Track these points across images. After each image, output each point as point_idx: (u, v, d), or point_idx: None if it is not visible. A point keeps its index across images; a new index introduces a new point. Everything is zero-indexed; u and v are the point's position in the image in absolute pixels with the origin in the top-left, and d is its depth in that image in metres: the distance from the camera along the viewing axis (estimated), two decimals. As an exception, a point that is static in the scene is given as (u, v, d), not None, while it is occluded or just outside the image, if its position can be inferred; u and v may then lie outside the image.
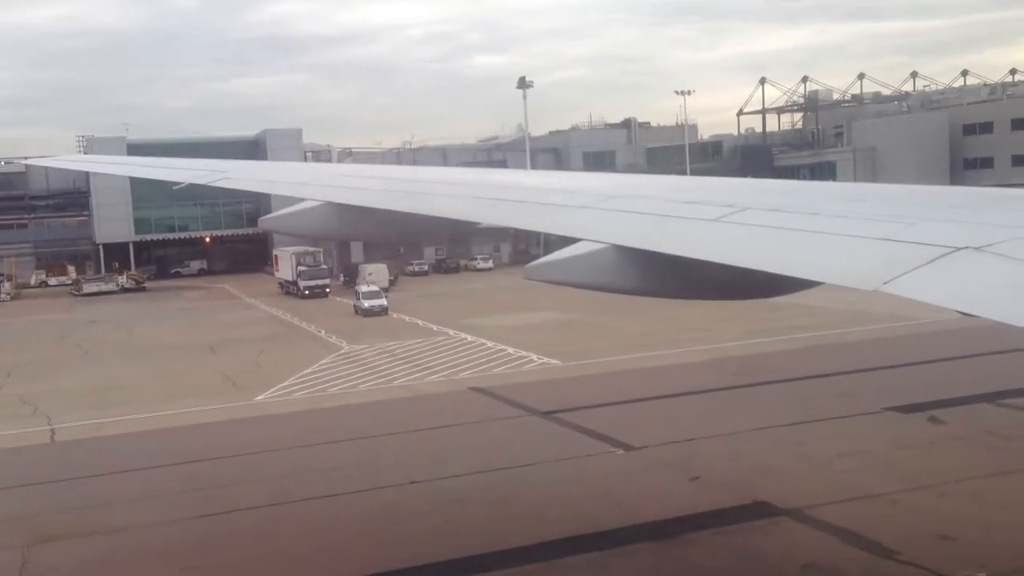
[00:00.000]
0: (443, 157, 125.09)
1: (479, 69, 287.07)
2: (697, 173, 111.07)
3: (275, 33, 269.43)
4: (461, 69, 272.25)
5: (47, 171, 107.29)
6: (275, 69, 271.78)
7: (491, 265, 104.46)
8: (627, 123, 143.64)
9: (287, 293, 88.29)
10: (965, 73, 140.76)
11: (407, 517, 23.00)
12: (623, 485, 25.07)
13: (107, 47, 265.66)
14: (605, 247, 10.03)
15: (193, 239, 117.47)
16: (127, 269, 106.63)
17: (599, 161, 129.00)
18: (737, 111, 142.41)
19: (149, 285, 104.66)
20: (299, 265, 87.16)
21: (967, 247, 6.95)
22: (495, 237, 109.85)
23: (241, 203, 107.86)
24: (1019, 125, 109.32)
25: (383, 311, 67.67)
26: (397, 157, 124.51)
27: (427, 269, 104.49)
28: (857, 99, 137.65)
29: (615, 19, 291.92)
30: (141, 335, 64.53)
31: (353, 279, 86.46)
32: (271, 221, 18.52)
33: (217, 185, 17.48)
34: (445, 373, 43.35)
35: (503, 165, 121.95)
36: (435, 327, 59.30)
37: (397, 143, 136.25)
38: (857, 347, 43.82)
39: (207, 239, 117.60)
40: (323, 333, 59.81)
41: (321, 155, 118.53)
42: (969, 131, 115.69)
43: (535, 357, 46.20)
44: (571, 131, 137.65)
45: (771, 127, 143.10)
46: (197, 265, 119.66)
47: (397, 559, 20.10)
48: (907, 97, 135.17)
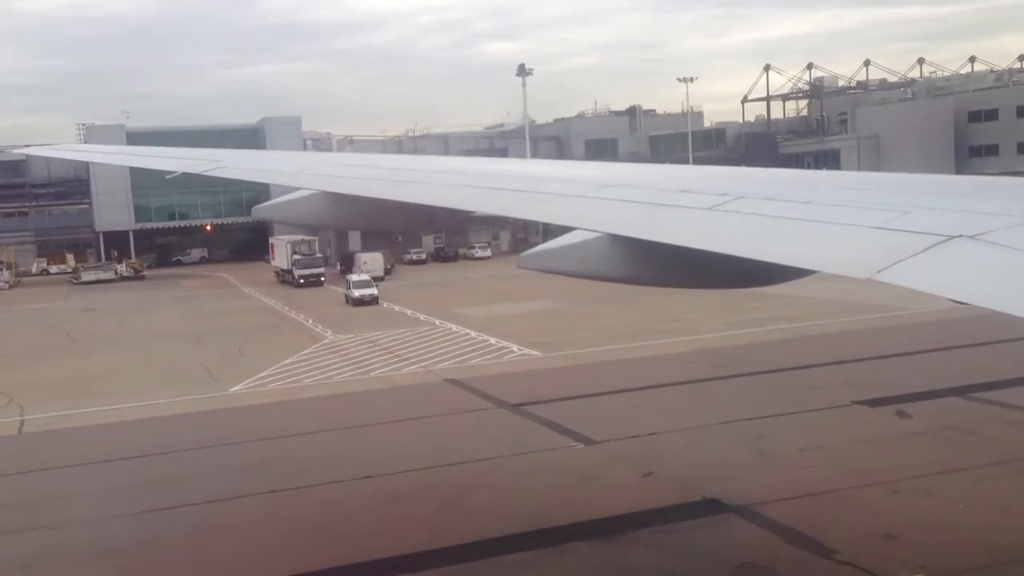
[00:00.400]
0: (445, 145, 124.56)
1: (490, 56, 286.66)
2: (700, 161, 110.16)
3: (286, 21, 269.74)
4: (472, 56, 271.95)
5: (48, 159, 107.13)
6: (286, 56, 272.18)
7: (489, 254, 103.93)
8: (632, 111, 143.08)
9: (283, 282, 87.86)
10: (973, 59, 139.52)
11: (349, 514, 22.73)
12: (575, 481, 24.70)
13: (119, 35, 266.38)
14: (599, 236, 10.02)
15: (195, 227, 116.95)
16: (127, 257, 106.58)
17: (601, 149, 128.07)
18: (742, 98, 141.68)
19: (149, 273, 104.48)
20: (294, 254, 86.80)
21: (961, 235, 6.93)
22: (494, 225, 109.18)
23: (242, 191, 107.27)
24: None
25: (374, 300, 67.39)
26: (399, 145, 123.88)
27: (425, 257, 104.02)
28: (862, 86, 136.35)
29: (627, 6, 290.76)
30: (131, 324, 64.39)
31: (350, 268, 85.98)
32: (265, 210, 18.44)
33: (211, 175, 17.37)
34: (424, 364, 43.06)
35: (504, 153, 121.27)
36: (423, 317, 59.04)
37: (404, 131, 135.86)
38: (838, 338, 43.34)
39: (208, 227, 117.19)
40: (311, 323, 59.62)
41: (321, 143, 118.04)
42: (974, 118, 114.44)
43: (516, 348, 45.87)
44: (573, 119, 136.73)
45: (778, 114, 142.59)
46: (198, 253, 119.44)
47: (326, 558, 19.81)
48: (913, 84, 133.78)
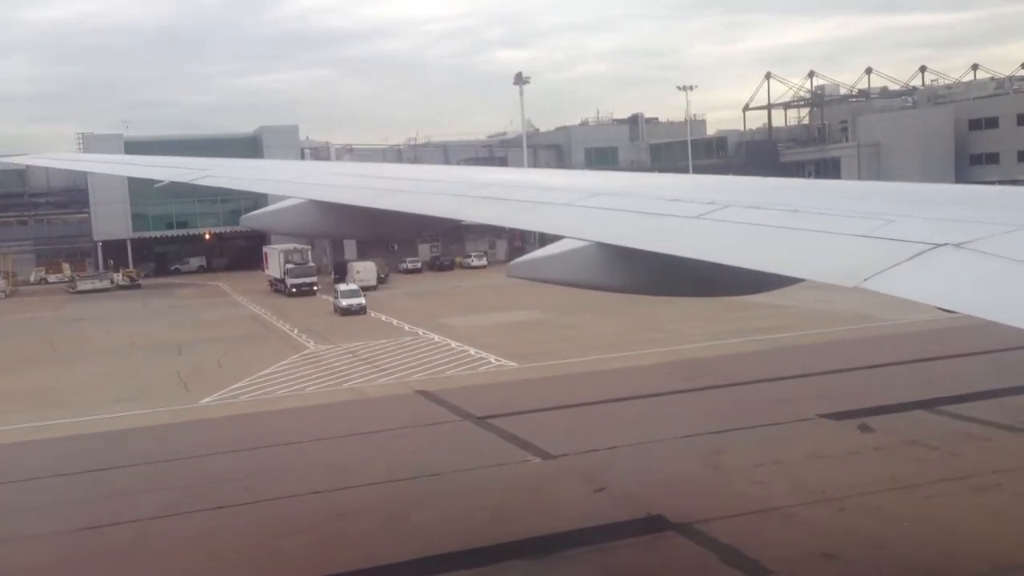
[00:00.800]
0: (445, 154, 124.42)
1: (499, 64, 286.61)
2: (701, 169, 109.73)
3: (297, 28, 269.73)
4: (480, 64, 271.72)
5: (48, 168, 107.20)
6: (296, 64, 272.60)
7: (485, 263, 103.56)
8: (634, 119, 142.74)
9: (276, 291, 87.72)
10: (975, 67, 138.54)
11: (289, 531, 22.40)
12: (524, 497, 24.36)
13: (129, 44, 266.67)
14: (587, 244, 10.02)
15: (194, 236, 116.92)
16: (124, 266, 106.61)
17: (601, 157, 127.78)
18: (743, 106, 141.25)
19: (146, 282, 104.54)
20: (287, 263, 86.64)
21: (947, 244, 6.96)
22: (491, 234, 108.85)
23: (240, 200, 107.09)
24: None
25: (361, 310, 67.13)
26: (399, 154, 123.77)
27: (420, 266, 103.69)
28: (864, 94, 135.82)
29: (637, 13, 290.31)
30: (118, 334, 64.23)
31: (344, 277, 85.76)
32: (254, 219, 18.04)
33: (199, 183, 17.28)
34: (399, 375, 42.76)
35: (504, 162, 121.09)
36: (408, 327, 58.76)
37: (405, 139, 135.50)
38: (816, 349, 42.93)
39: (207, 236, 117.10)
40: (295, 332, 59.38)
41: (320, 152, 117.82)
42: (975, 126, 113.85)
43: (494, 359, 45.55)
44: (574, 127, 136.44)
45: (781, 123, 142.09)
46: (196, 262, 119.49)
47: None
48: (914, 92, 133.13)
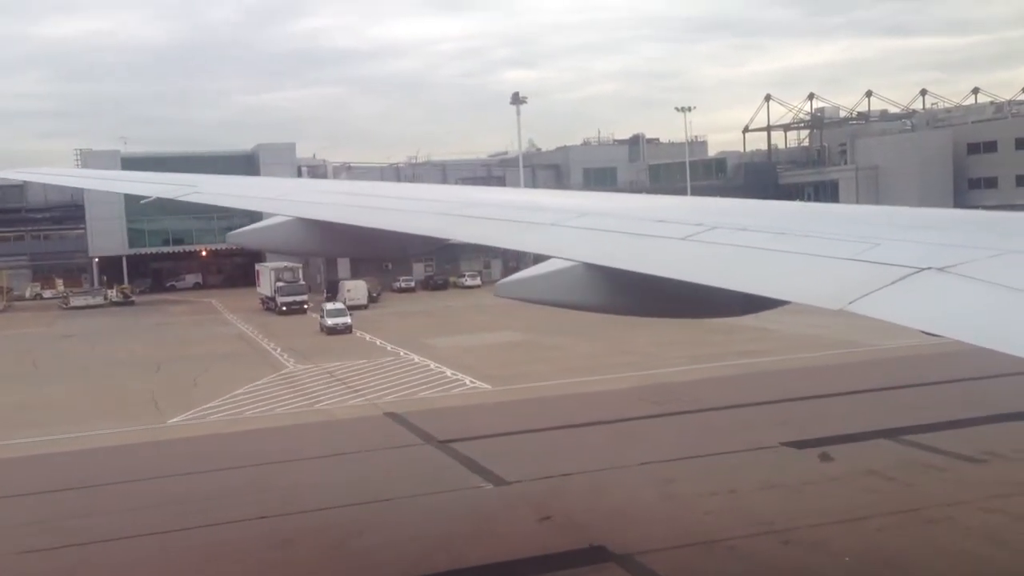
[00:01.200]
0: (443, 173, 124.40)
1: (508, 84, 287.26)
2: (699, 190, 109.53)
3: (307, 47, 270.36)
4: (489, 84, 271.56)
5: (45, 184, 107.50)
6: (306, 82, 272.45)
7: (479, 282, 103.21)
8: (635, 139, 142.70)
9: (267, 309, 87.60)
10: (976, 91, 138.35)
11: (230, 558, 22.16)
12: (469, 525, 24.07)
13: (141, 62, 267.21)
14: (574, 265, 10.01)
15: (190, 252, 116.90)
16: (118, 283, 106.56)
17: (600, 178, 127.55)
18: (743, 128, 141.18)
19: (141, 299, 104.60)
20: (277, 281, 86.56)
21: (930, 268, 7.01)
22: (486, 254, 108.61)
23: (235, 217, 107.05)
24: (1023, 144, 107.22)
25: (347, 329, 66.96)
26: (397, 173, 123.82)
27: (414, 285, 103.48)
28: (863, 116, 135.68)
29: (645, 35, 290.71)
30: (102, 351, 64.21)
31: (335, 295, 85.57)
32: (239, 236, 17.51)
33: (185, 200, 17.15)
34: (371, 397, 42.49)
35: (502, 182, 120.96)
36: (390, 347, 58.57)
37: (406, 158, 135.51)
38: (792, 375, 42.55)
39: (203, 252, 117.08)
40: (278, 351, 59.22)
41: (317, 170, 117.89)
42: (973, 150, 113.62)
43: (469, 380, 45.30)
44: (573, 147, 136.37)
45: (781, 145, 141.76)
46: (192, 279, 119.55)
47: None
48: (913, 115, 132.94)
